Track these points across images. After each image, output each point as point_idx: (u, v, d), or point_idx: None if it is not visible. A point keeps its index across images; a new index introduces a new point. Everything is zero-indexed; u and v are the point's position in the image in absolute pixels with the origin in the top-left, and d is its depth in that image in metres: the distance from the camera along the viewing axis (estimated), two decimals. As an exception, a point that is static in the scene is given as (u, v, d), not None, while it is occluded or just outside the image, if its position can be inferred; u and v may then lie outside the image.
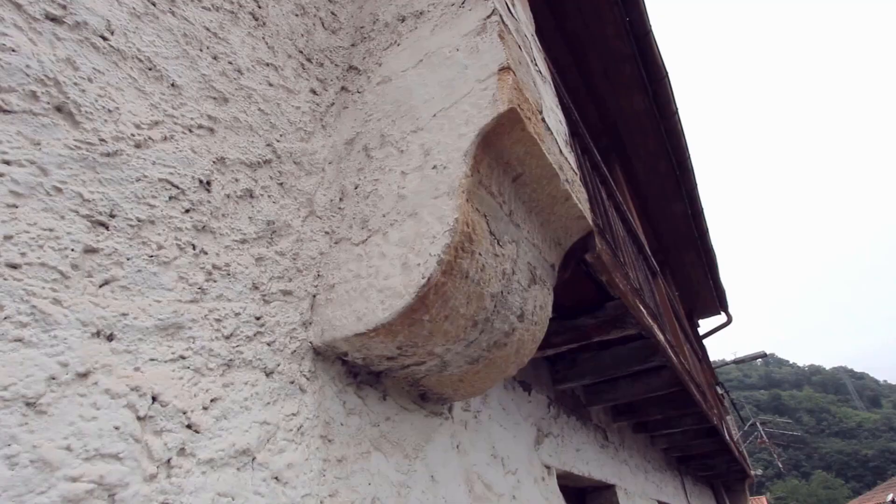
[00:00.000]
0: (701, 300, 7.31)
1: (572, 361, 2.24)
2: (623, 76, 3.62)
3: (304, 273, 1.04)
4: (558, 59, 3.45)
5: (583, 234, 1.30)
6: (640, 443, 3.57)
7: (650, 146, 4.27)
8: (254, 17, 1.19)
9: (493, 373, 1.18)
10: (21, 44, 0.70)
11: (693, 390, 2.53)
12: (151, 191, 0.80)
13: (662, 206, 5.08)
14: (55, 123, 0.71)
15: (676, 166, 4.55)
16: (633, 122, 4.02)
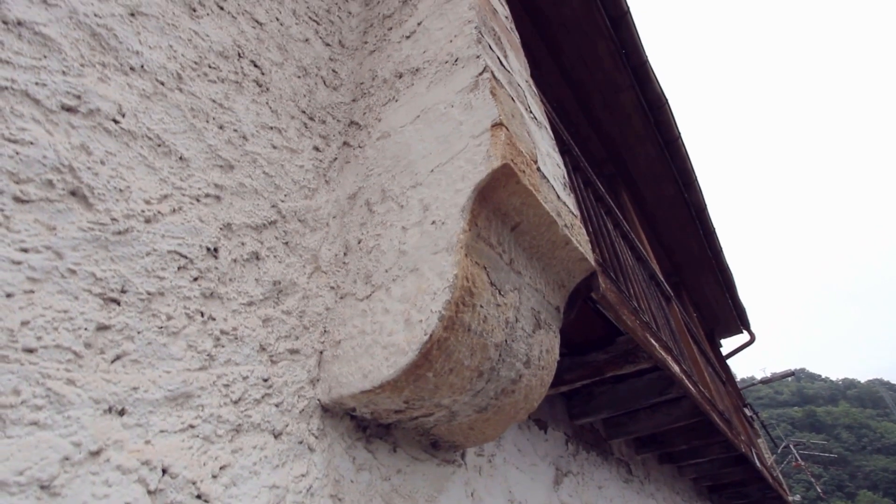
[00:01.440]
0: (721, 320, 7.17)
1: (588, 396, 2.20)
2: (624, 106, 3.67)
3: (311, 330, 1.06)
4: (558, 94, 3.52)
5: (586, 275, 1.31)
6: (666, 474, 3.45)
7: (656, 171, 4.29)
8: (258, 84, 1.25)
9: (503, 419, 1.18)
10: (39, 136, 0.75)
11: (716, 419, 2.46)
12: (161, 263, 0.84)
13: (673, 228, 5.05)
14: (70, 208, 0.75)
15: (684, 188, 4.54)
16: (637, 149, 4.05)
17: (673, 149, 4.13)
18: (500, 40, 1.49)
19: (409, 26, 1.55)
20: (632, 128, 3.86)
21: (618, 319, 1.43)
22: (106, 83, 0.88)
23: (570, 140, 2.13)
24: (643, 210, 4.74)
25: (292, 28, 1.52)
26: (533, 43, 3.26)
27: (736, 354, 7.92)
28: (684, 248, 5.42)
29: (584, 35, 3.18)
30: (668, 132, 4.03)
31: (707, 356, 4.01)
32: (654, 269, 3.04)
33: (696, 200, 4.80)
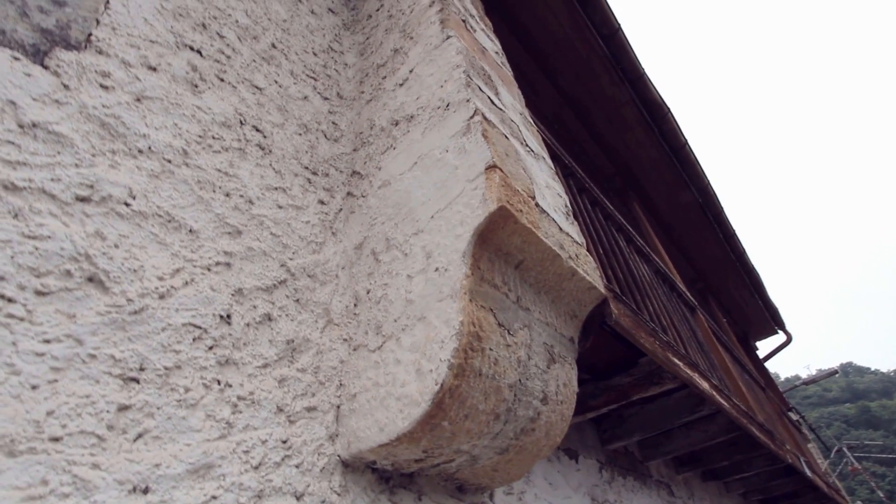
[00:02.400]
0: (753, 322, 6.95)
1: (619, 418, 2.15)
2: (626, 119, 3.68)
3: (327, 385, 1.08)
4: (559, 115, 3.55)
5: (597, 303, 1.30)
6: (712, 492, 3.31)
7: (666, 179, 4.25)
8: (260, 148, 1.31)
9: (527, 458, 1.16)
10: (56, 229, 0.80)
11: (755, 432, 2.37)
12: (176, 337, 0.87)
13: (691, 234, 4.97)
14: (87, 294, 0.79)
15: (697, 194, 4.49)
16: (645, 160, 4.04)
17: (681, 156, 4.10)
18: (490, 78, 1.53)
19: (401, 74, 1.61)
20: (637, 140, 3.86)
21: (635, 343, 1.41)
22: (116, 169, 0.93)
23: (572, 163, 2.14)
24: (658, 219, 4.68)
25: (291, 88, 1.58)
26: (529, 69, 3.32)
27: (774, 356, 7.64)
28: (705, 253, 5.32)
29: (579, 56, 3.22)
30: (674, 139, 4.01)
31: (741, 363, 3.88)
32: (674, 281, 2.99)
33: (711, 204, 4.73)
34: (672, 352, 1.61)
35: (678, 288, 3.02)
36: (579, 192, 2.19)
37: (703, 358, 2.43)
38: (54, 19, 0.99)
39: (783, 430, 3.83)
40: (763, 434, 2.51)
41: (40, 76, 0.90)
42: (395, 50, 1.74)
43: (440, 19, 1.58)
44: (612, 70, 3.36)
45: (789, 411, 7.01)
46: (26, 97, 0.86)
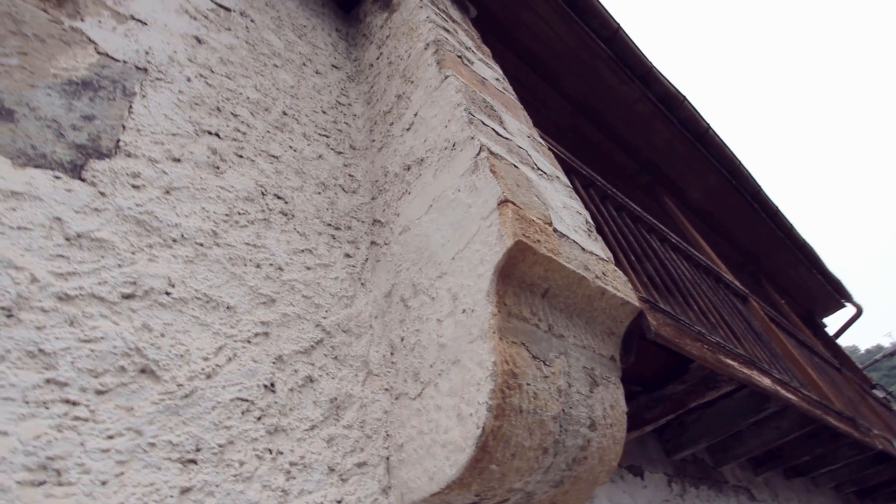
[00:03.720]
0: (817, 298, 6.55)
1: (680, 426, 2.07)
2: (642, 115, 3.62)
3: (374, 438, 1.10)
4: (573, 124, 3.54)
5: (634, 316, 1.27)
6: (798, 489, 3.10)
7: (695, 167, 4.13)
8: (283, 214, 1.37)
9: (584, 487, 1.14)
10: (107, 329, 0.86)
11: (833, 422, 2.21)
12: (226, 413, 0.91)
13: (731, 218, 4.78)
14: (142, 386, 0.85)
15: (730, 176, 4.33)
16: (668, 152, 3.95)
17: (705, 141, 3.98)
18: (492, 109, 1.56)
19: (407, 118, 1.66)
20: (656, 133, 3.78)
21: (681, 351, 1.37)
22: (155, 262, 1.00)
23: (591, 173, 2.12)
24: (693, 209, 4.54)
25: (305, 150, 1.66)
26: (535, 85, 3.33)
27: (846, 331, 7.15)
28: (750, 234, 5.09)
29: (583, 63, 3.22)
30: (695, 126, 3.90)
31: (808, 346, 3.66)
32: (718, 272, 2.88)
33: (747, 184, 4.55)
34: (724, 353, 1.55)
35: (724, 279, 2.90)
36: (602, 200, 2.17)
37: (762, 350, 2.32)
38: (86, 134, 1.09)
39: (868, 413, 3.56)
40: (843, 422, 2.35)
41: (79, 189, 0.99)
42: (399, 95, 1.80)
43: (436, 60, 1.63)
44: (618, 70, 3.33)
45: (873, 389, 6.52)
46: (69, 211, 0.94)
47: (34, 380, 0.75)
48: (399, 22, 2.12)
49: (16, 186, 0.90)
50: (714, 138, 4.04)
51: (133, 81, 1.30)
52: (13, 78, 1.06)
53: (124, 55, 1.34)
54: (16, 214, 0.87)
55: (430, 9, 2.02)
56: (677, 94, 3.61)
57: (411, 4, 2.10)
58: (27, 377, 0.74)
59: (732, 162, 4.27)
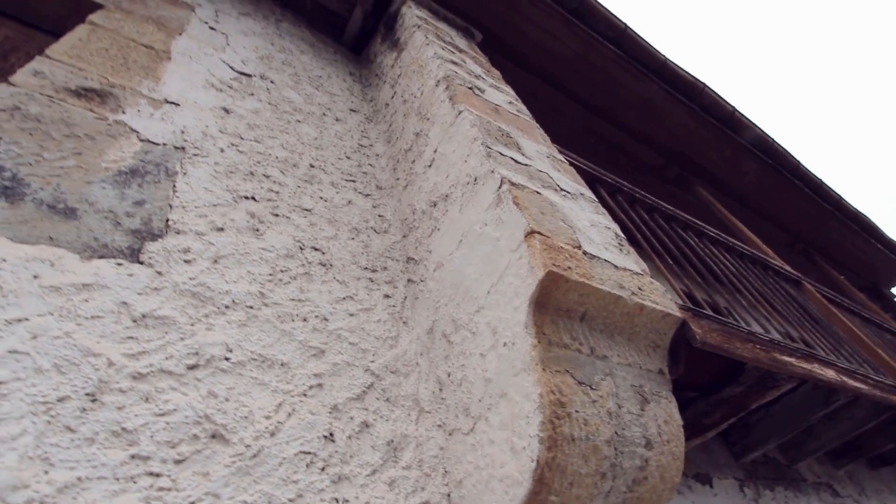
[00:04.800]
0: (880, 268, 6.16)
1: (745, 427, 1.99)
2: (662, 109, 3.57)
3: (433, 476, 1.13)
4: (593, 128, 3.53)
5: (677, 326, 1.26)
6: (887, 479, 2.90)
7: (725, 152, 4.02)
8: (322, 265, 1.44)
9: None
10: (177, 401, 0.94)
11: (914, 406, 2.08)
12: (293, 468, 0.97)
13: (772, 198, 4.60)
14: (214, 451, 0.91)
15: (765, 156, 4.18)
16: (696, 141, 3.86)
17: (733, 124, 3.88)
18: (509, 136, 1.59)
19: (427, 156, 1.71)
20: (680, 124, 3.71)
21: (731, 356, 1.34)
22: (212, 330, 1.08)
23: (616, 179, 2.12)
24: (730, 195, 4.39)
25: (335, 198, 1.74)
26: (548, 96, 3.35)
27: (918, 299, 6.66)
28: (795, 212, 4.87)
29: (593, 67, 3.22)
30: (720, 111, 3.81)
31: (876, 322, 3.45)
32: (765, 259, 2.78)
33: (784, 161, 4.37)
34: (779, 350, 1.50)
35: (773, 265, 2.79)
36: (631, 204, 2.15)
37: (824, 336, 2.21)
38: (139, 218, 1.19)
39: (955, 388, 3.31)
40: (925, 404, 2.20)
41: (139, 272, 1.08)
42: (417, 133, 1.86)
43: (448, 97, 1.69)
44: (631, 68, 3.31)
45: (959, 358, 6.03)
46: (133, 294, 1.03)
47: (121, 457, 0.82)
48: (408, 60, 2.20)
49: (86, 279, 1.00)
50: (742, 120, 3.93)
51: (174, 161, 1.41)
52: (72, 178, 1.18)
53: (163, 138, 1.45)
54: (88, 305, 0.97)
55: (436, 45, 2.09)
56: (696, 82, 3.54)
57: (418, 42, 2.18)
58: (115, 455, 0.82)
59: (765, 141, 4.13)
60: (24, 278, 0.93)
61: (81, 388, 0.85)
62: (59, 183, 1.14)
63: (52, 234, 1.04)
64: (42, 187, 1.11)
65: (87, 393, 0.85)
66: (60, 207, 1.10)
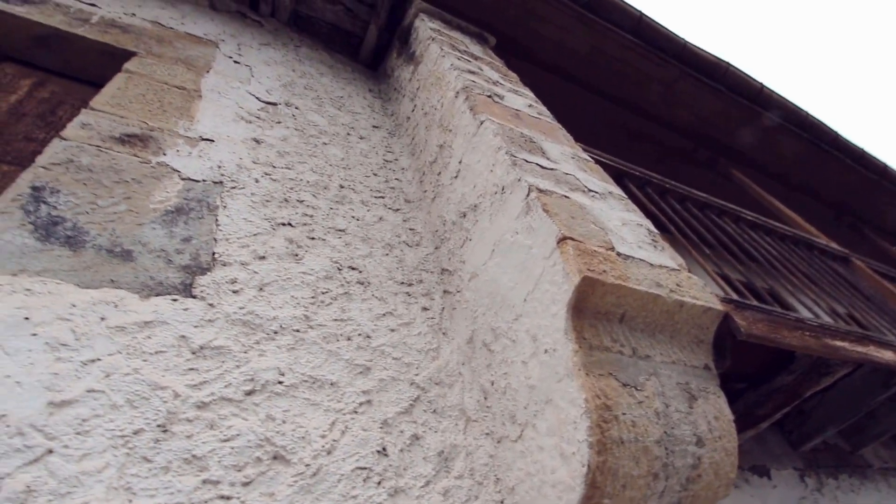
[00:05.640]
0: (935, 235, 5.82)
1: (800, 415, 1.93)
2: (685, 92, 3.50)
3: (485, 484, 1.15)
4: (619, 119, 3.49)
5: (720, 320, 1.24)
6: (962, 458, 2.75)
7: (757, 131, 3.89)
8: (360, 283, 1.49)
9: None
10: (239, 426, 0.99)
11: None
12: (351, 483, 1.01)
13: (812, 173, 4.42)
14: (277, 472, 0.96)
15: (799, 129, 4.03)
16: (724, 122, 3.76)
17: (762, 100, 3.75)
18: (532, 142, 1.60)
19: (453, 167, 1.74)
20: (707, 107, 3.62)
21: (779, 345, 1.30)
22: (264, 356, 1.13)
23: (645, 172, 2.09)
24: (766, 174, 4.25)
25: (366, 216, 1.78)
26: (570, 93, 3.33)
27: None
28: (838, 184, 4.66)
29: (612, 58, 3.18)
30: (747, 88, 3.69)
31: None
32: (809, 239, 2.68)
33: (821, 134, 4.20)
34: (830, 335, 1.45)
35: (818, 244, 2.69)
36: (662, 196, 2.12)
37: (879, 315, 2.12)
38: (188, 255, 1.26)
39: None
40: None
41: (193, 306, 1.15)
42: (440, 145, 1.89)
43: (469, 107, 1.71)
44: (650, 55, 3.25)
45: None
46: (190, 327, 1.10)
47: (193, 483, 0.88)
48: (426, 73, 2.23)
49: (146, 317, 1.07)
50: (771, 96, 3.80)
51: (214, 196, 1.48)
52: (125, 222, 1.26)
53: (202, 174, 1.53)
54: (151, 341, 1.03)
55: (452, 56, 2.11)
56: (718, 62, 3.45)
57: (434, 54, 2.21)
58: (188, 482, 0.87)
59: (798, 114, 3.98)
60: (92, 321, 1.01)
61: (153, 420, 0.91)
62: (114, 228, 1.23)
63: (112, 277, 1.12)
64: (99, 233, 1.19)
65: (158, 424, 0.91)
66: (118, 251, 1.18)
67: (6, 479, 0.74)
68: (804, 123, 4.06)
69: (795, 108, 3.93)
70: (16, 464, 0.77)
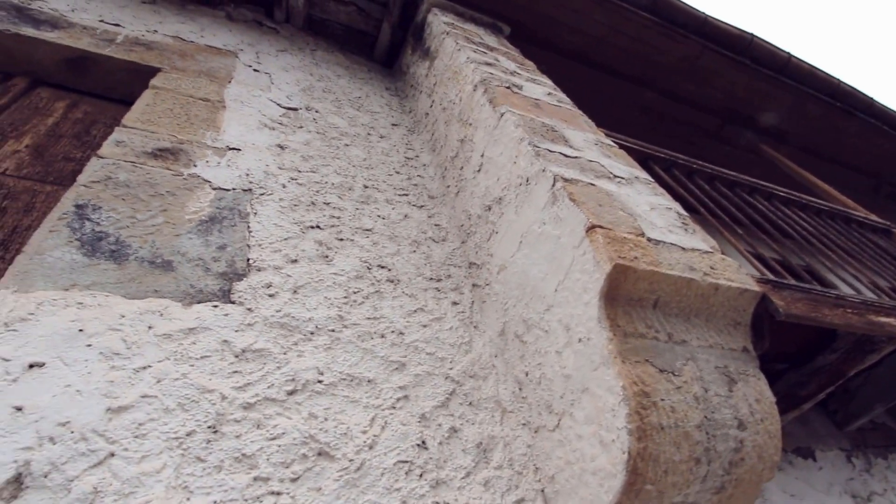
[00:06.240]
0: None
1: (845, 394, 1.88)
2: (708, 68, 3.40)
3: (525, 474, 1.16)
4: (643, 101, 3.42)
5: (756, 301, 1.22)
6: None
7: (786, 102, 3.76)
8: (390, 281, 1.51)
9: (748, 488, 1.10)
10: (284, 424, 1.03)
11: None
12: (394, 476, 1.03)
13: (847, 143, 4.25)
14: (322, 467, 0.99)
15: (831, 98, 3.87)
16: (750, 96, 3.64)
17: (790, 72, 3.61)
18: (554, 131, 1.59)
19: (475, 161, 1.74)
20: (732, 81, 3.51)
21: (821, 323, 1.27)
22: (303, 357, 1.17)
23: (671, 154, 2.05)
24: (798, 147, 4.10)
25: (391, 214, 1.80)
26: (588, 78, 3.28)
27: None
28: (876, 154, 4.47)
29: (629, 38, 3.11)
30: (774, 60, 3.56)
31: None
32: (846, 212, 2.59)
33: (855, 101, 4.02)
34: (874, 311, 1.40)
35: (856, 217, 2.60)
36: (689, 177, 2.08)
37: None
38: (224, 262, 1.30)
39: None
40: None
41: (232, 311, 1.19)
42: (461, 140, 1.89)
43: (488, 100, 1.71)
44: (670, 31, 3.17)
45: None
46: (231, 332, 1.14)
47: (245, 480, 0.92)
48: (442, 68, 2.24)
49: (190, 324, 1.12)
50: (800, 65, 3.66)
51: (244, 204, 1.52)
52: (163, 233, 1.31)
53: (232, 183, 1.57)
54: (196, 347, 1.08)
55: (467, 48, 2.11)
56: (742, 34, 3.34)
57: (449, 49, 2.21)
58: (240, 479, 0.91)
59: (829, 83, 3.82)
60: (141, 330, 1.06)
61: (204, 422, 0.95)
62: (153, 240, 1.28)
63: (156, 288, 1.17)
64: (141, 246, 1.24)
65: (208, 426, 0.95)
66: (159, 262, 1.22)
67: (75, 481, 0.79)
68: (836, 92, 3.90)
69: (826, 76, 3.77)
70: (82, 467, 0.81)
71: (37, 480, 0.78)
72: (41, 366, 0.92)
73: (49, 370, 0.92)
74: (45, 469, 0.79)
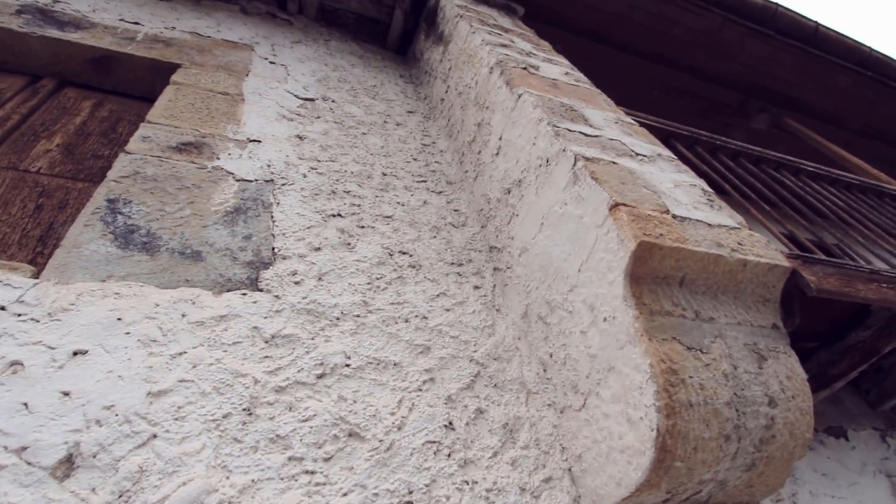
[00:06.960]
0: None
1: (878, 372, 1.83)
2: (731, 41, 3.30)
3: (552, 453, 1.17)
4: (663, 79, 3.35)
5: (786, 277, 1.19)
6: None
7: (813, 73, 3.63)
8: (412, 267, 1.52)
9: (779, 466, 1.09)
10: (315, 407, 1.05)
11: None
12: (423, 456, 1.05)
13: (878, 113, 4.09)
14: (353, 447, 1.02)
15: (860, 68, 3.72)
16: (775, 68, 3.52)
17: (817, 42, 3.48)
18: (573, 110, 1.57)
19: (493, 144, 1.73)
20: (755, 54, 3.40)
21: (854, 298, 1.24)
22: (330, 341, 1.19)
23: (693, 131, 2.01)
24: (825, 119, 3.96)
25: (411, 201, 1.81)
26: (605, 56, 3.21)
27: None
28: (908, 123, 4.29)
29: (646, 12, 3.03)
30: (800, 30, 3.44)
31: None
32: (879, 186, 2.50)
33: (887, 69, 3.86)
34: (909, 285, 1.36)
35: (888, 190, 2.51)
36: (713, 153, 2.03)
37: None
38: (250, 251, 1.33)
39: None
40: None
41: (261, 298, 1.22)
42: (478, 124, 1.88)
43: (505, 82, 1.69)
44: (689, 5, 3.08)
45: None
46: (260, 319, 1.17)
47: (280, 460, 0.95)
48: (457, 52, 2.22)
49: (221, 311, 1.15)
50: (828, 34, 3.52)
51: (267, 194, 1.55)
52: (191, 225, 1.34)
53: (254, 174, 1.60)
54: (228, 333, 1.11)
55: (482, 31, 2.09)
56: (766, 4, 3.23)
57: (463, 32, 2.19)
58: (275, 459, 0.94)
59: (860, 52, 3.67)
60: (175, 318, 1.09)
61: (239, 405, 0.98)
62: (182, 231, 1.31)
63: (187, 277, 1.20)
64: (171, 237, 1.28)
65: (243, 408, 0.98)
66: (188, 252, 1.26)
67: (121, 461, 0.83)
68: (867, 61, 3.74)
69: (856, 44, 3.63)
70: (128, 447, 0.85)
71: (87, 460, 0.81)
72: (84, 353, 0.96)
73: (92, 357, 0.95)
74: (94, 450, 0.83)
